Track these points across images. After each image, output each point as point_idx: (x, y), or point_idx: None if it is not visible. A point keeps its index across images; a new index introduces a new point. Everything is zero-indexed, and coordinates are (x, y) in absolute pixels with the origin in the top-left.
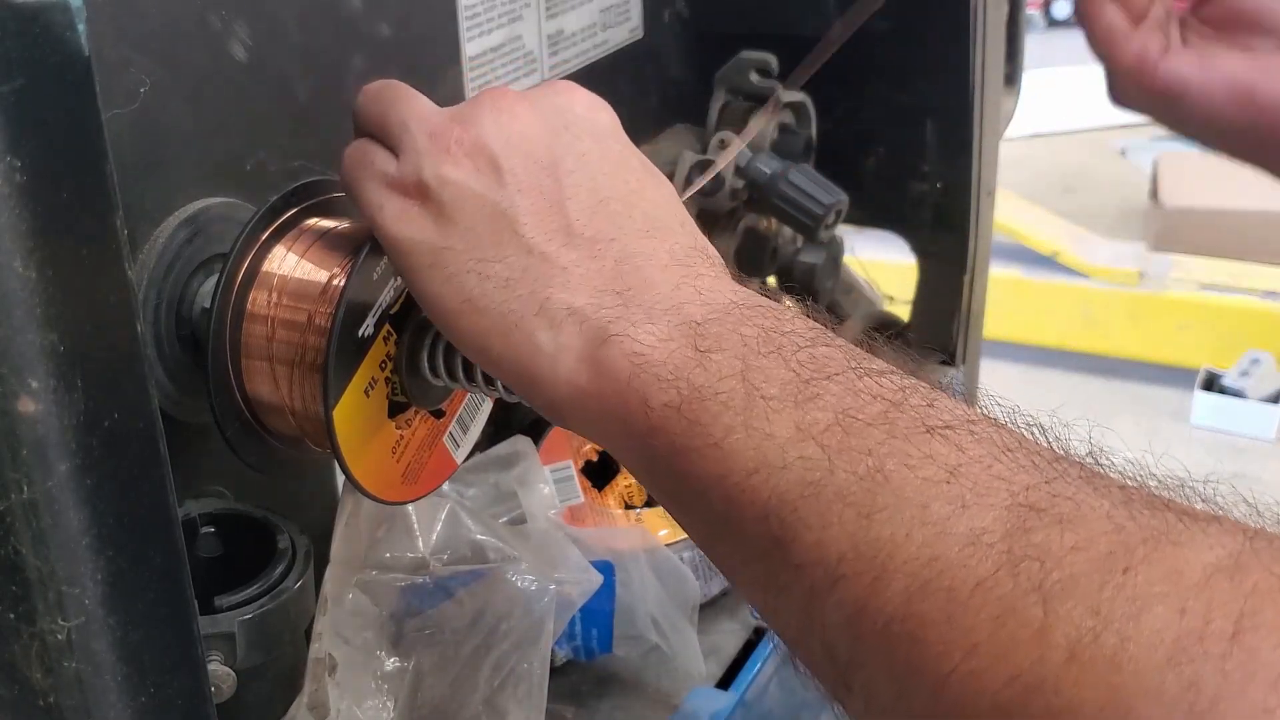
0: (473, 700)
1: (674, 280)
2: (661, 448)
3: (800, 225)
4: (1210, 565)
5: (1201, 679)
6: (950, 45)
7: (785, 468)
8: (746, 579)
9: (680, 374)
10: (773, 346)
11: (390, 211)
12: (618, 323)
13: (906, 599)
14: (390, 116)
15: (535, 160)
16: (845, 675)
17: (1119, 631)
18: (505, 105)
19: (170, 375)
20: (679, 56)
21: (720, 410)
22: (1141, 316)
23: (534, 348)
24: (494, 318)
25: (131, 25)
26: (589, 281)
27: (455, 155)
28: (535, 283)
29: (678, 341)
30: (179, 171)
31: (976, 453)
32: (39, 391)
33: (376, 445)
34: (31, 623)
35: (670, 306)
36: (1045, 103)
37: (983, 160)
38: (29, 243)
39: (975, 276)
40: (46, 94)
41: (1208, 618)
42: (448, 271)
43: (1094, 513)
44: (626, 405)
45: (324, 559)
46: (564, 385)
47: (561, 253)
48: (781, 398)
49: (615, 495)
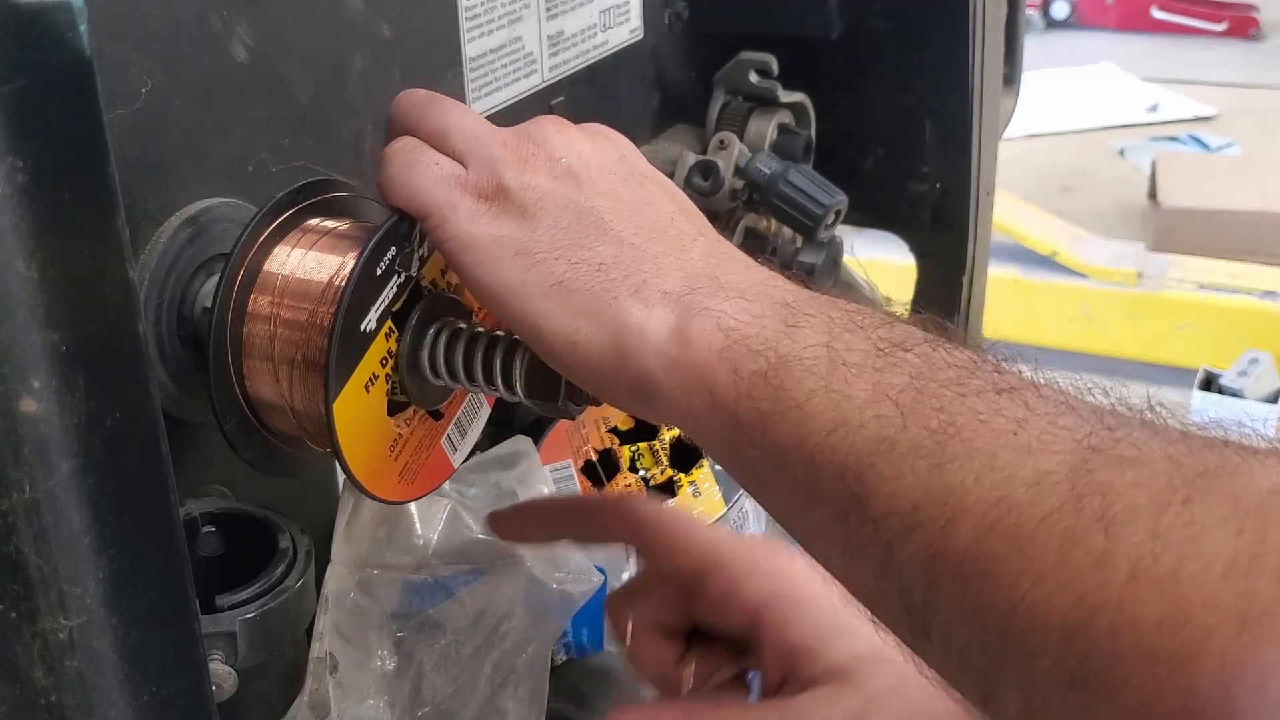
0: (474, 699)
1: (760, 275)
2: (746, 414)
3: (799, 225)
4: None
5: (1256, 590)
6: (949, 46)
7: (862, 426)
8: (824, 544)
9: (770, 345)
10: (855, 324)
11: (464, 211)
12: (712, 298)
13: (977, 538)
14: (450, 123)
15: (608, 172)
16: (923, 622)
17: (1178, 552)
18: (568, 129)
19: (172, 375)
20: (679, 57)
21: (804, 375)
22: (1140, 316)
23: (625, 323)
24: (585, 296)
25: (133, 26)
26: (681, 269)
27: (533, 164)
28: (629, 268)
29: (769, 318)
30: (180, 172)
31: (1042, 409)
32: (41, 391)
33: (375, 442)
34: (33, 622)
35: (761, 291)
36: (1044, 103)
37: (982, 160)
38: (31, 243)
39: (974, 277)
40: (48, 94)
41: (1263, 536)
42: (534, 259)
43: (1153, 452)
44: (715, 374)
45: (325, 558)
46: (654, 357)
47: (650, 244)
48: (861, 365)
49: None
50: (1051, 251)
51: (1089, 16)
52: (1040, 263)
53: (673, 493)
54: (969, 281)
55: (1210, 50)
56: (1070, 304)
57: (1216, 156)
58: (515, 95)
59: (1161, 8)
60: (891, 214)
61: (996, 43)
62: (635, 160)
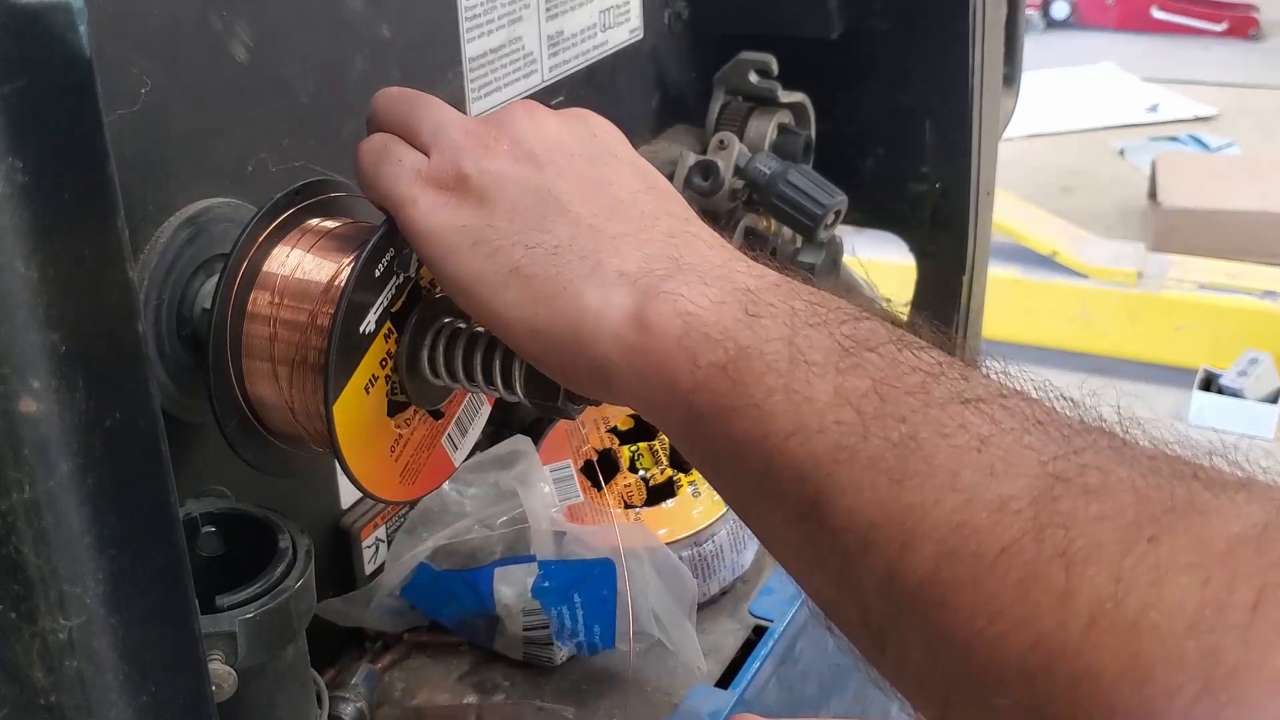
0: None
1: (722, 256)
2: (704, 407)
3: (799, 226)
4: (1235, 536)
5: (1222, 648)
6: (949, 46)
7: (822, 431)
8: (783, 544)
9: (729, 335)
10: (819, 319)
11: (425, 205)
12: (670, 281)
13: (935, 564)
14: (421, 117)
15: (572, 153)
16: (880, 639)
17: (1141, 599)
18: (537, 113)
19: (171, 375)
20: (679, 57)
21: (764, 371)
22: (1140, 316)
23: (581, 307)
24: (541, 282)
25: (133, 26)
26: (639, 249)
27: (494, 149)
28: (585, 250)
29: (729, 304)
30: (180, 172)
31: (1008, 424)
32: (41, 391)
33: (375, 443)
34: (33, 622)
35: (722, 274)
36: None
37: (981, 161)
38: (30, 243)
39: (974, 277)
40: (48, 95)
41: (1231, 588)
42: (491, 247)
43: (1120, 482)
44: (674, 363)
45: (323, 558)
46: (611, 342)
47: (609, 224)
48: (824, 364)
49: (614, 495)
50: (1051, 251)
51: (1089, 16)
52: (1040, 263)
53: (672, 493)
54: (969, 281)
55: (1210, 50)
56: (1070, 304)
57: (1216, 156)
58: (515, 95)
59: (1161, 8)
60: (891, 214)
61: (996, 43)
62: (607, 139)
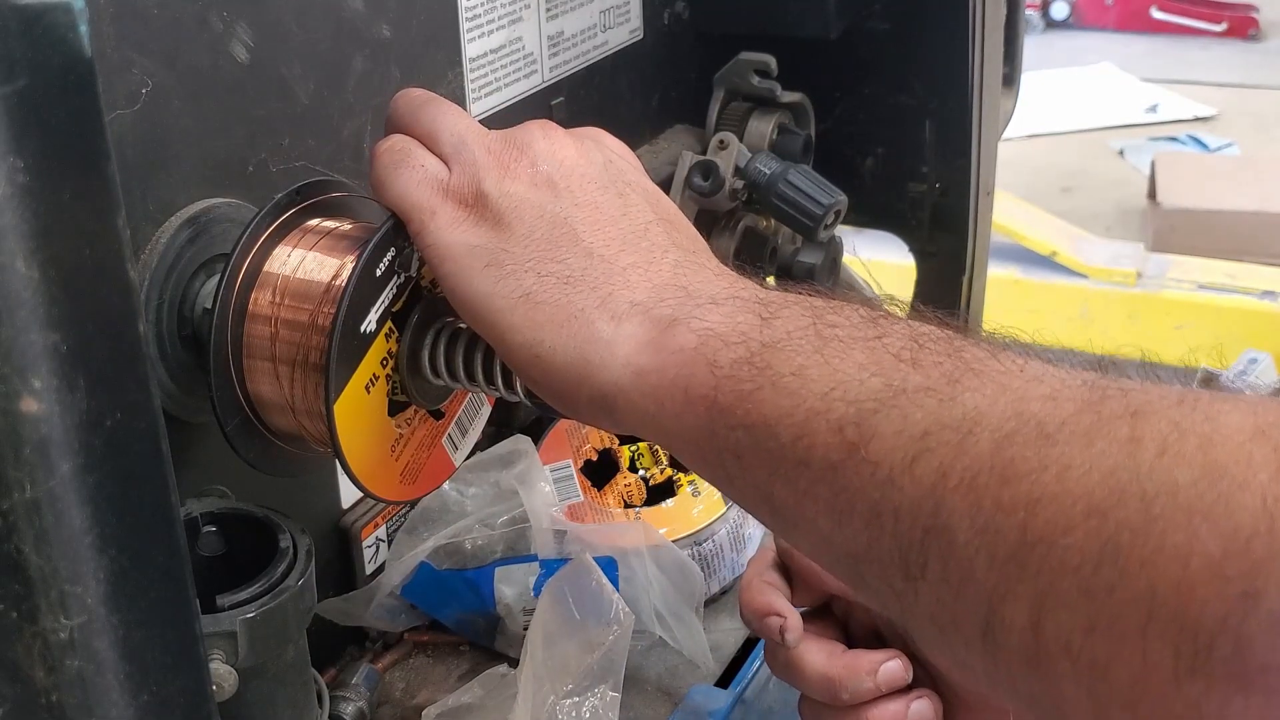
0: None
1: (728, 282)
2: (727, 397)
3: (799, 226)
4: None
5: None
6: (949, 46)
7: (862, 383)
8: (810, 507)
9: (748, 337)
10: (836, 310)
11: (444, 218)
12: (683, 308)
13: (994, 448)
14: (442, 125)
15: (589, 180)
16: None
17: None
18: (555, 135)
19: (172, 375)
20: (679, 57)
21: (793, 353)
22: (1139, 316)
23: (590, 335)
24: (551, 309)
25: (134, 26)
26: (649, 280)
27: (513, 171)
28: (596, 281)
29: (744, 315)
30: (181, 172)
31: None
32: (41, 391)
33: (376, 442)
34: (34, 621)
35: (731, 294)
36: (1044, 103)
37: (981, 161)
38: (31, 243)
39: (974, 277)
40: (49, 95)
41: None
42: (504, 270)
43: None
44: (691, 371)
45: (324, 557)
46: (620, 368)
47: (620, 256)
48: (851, 338)
49: (615, 495)
50: (1051, 251)
51: (1088, 17)
52: (1040, 263)
53: (672, 492)
54: (969, 281)
55: (1210, 50)
56: (1070, 304)
57: (1216, 157)
58: (515, 95)
59: (1161, 8)
60: (891, 214)
61: (996, 43)
62: (621, 166)
